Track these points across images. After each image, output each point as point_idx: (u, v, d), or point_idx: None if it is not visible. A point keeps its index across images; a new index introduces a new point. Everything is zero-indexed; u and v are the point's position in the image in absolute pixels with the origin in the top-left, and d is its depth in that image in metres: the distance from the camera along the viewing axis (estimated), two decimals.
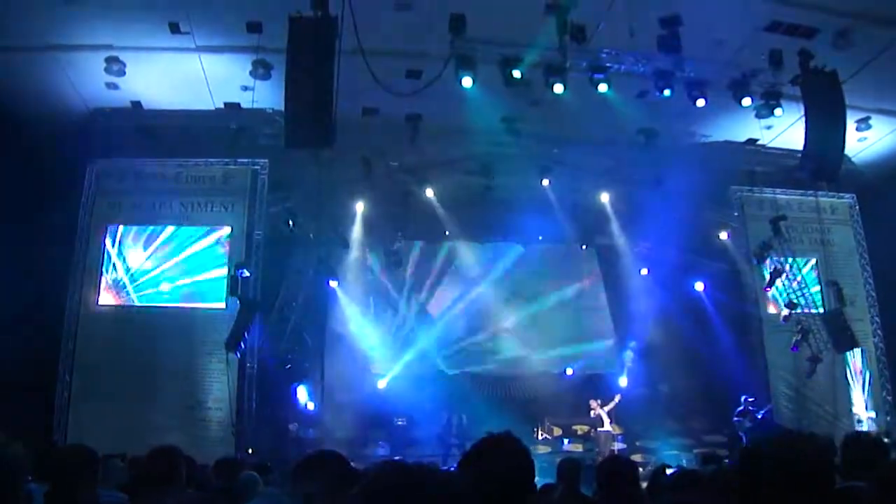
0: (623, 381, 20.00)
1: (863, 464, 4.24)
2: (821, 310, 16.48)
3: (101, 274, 14.99)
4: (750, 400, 15.78)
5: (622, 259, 20.35)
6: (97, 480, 4.21)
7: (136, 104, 14.78)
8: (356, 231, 18.83)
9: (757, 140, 16.46)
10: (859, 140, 15.91)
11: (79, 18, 12.12)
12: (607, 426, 17.24)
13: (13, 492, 3.15)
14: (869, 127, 15.60)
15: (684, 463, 15.23)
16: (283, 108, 10.77)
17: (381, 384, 19.32)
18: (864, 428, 15.51)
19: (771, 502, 2.19)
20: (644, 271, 20.18)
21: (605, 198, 18.85)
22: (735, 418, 15.78)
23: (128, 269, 15.15)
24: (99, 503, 4.18)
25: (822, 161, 12.81)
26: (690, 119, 15.09)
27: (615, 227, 19.34)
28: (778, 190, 17.32)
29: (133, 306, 15.08)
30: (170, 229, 15.44)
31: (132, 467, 6.89)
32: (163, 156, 15.37)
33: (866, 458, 4.32)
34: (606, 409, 17.41)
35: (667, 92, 13.13)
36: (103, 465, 4.95)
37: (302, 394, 17.26)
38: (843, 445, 4.44)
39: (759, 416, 15.35)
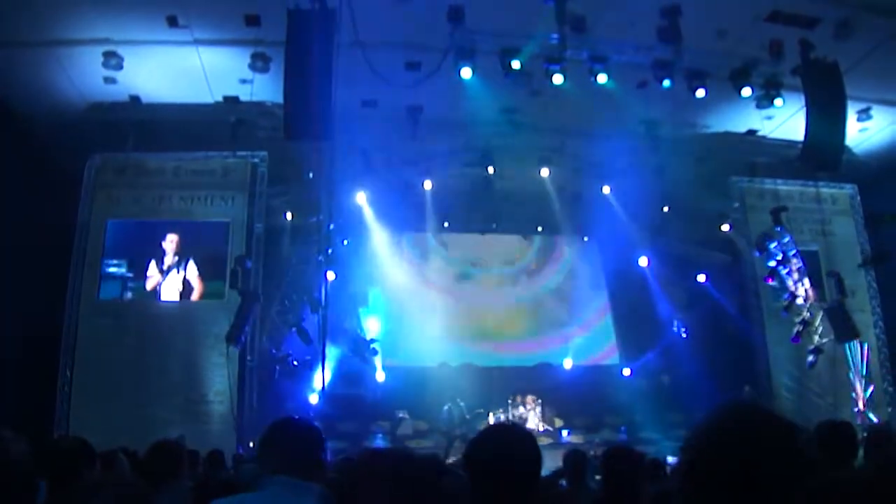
0: (626, 372, 20.11)
1: (840, 453, 4.24)
2: (822, 301, 16.44)
3: (102, 268, 14.94)
4: (750, 390, 15.80)
5: (623, 250, 20.31)
6: (95, 474, 4.19)
7: (135, 98, 14.64)
8: (356, 223, 18.83)
9: (757, 131, 16.36)
10: (860, 131, 15.81)
11: (75, 13, 12.02)
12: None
13: (24, 487, 3.16)
14: (870, 117, 15.49)
15: None
16: (282, 101, 10.75)
17: (381, 376, 19.32)
18: (869, 419, 15.51)
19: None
20: (644, 262, 20.16)
21: (605, 189, 18.78)
22: None
23: (129, 263, 15.10)
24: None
25: (822, 152, 12.81)
26: (690, 110, 15.01)
27: (615, 218, 19.27)
28: (779, 180, 17.25)
29: (133, 300, 15.01)
30: (169, 223, 15.36)
31: (133, 462, 6.88)
32: (162, 150, 15.29)
33: (844, 446, 4.31)
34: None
35: (666, 82, 13.12)
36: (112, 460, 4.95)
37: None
38: (820, 434, 4.39)
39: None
